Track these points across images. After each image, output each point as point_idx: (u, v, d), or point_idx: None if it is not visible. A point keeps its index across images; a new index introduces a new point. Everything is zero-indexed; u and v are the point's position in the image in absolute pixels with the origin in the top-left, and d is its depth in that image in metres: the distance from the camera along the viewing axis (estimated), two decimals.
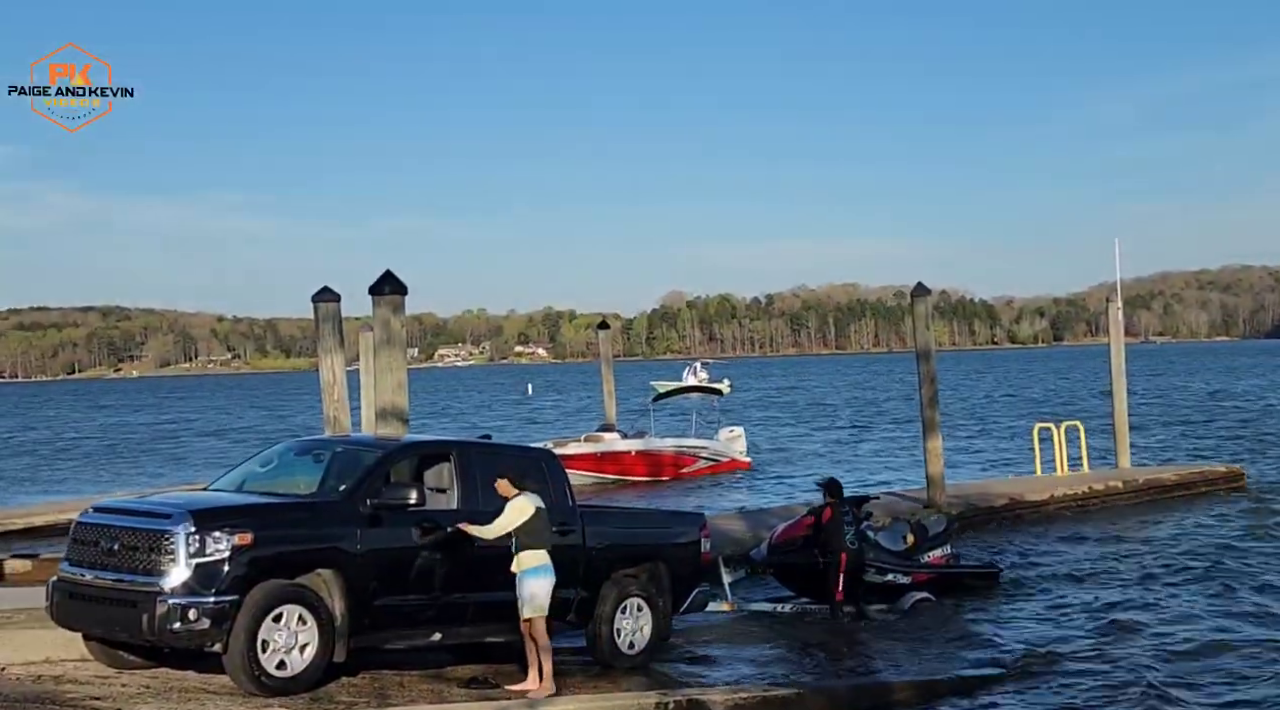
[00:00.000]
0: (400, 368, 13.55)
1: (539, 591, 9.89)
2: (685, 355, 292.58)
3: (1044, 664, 11.79)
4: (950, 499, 20.51)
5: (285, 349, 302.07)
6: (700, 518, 12.71)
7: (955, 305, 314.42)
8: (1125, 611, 14.02)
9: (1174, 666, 11.63)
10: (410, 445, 11.05)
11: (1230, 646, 12.29)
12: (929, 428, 20.74)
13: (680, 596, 11.86)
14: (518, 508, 9.93)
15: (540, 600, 9.90)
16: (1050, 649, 12.36)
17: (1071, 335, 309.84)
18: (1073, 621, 13.71)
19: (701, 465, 31.65)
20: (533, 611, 9.90)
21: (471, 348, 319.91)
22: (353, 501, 9.84)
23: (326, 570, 9.57)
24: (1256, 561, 17.07)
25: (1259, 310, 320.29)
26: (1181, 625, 13.29)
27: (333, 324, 15.31)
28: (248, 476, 10.93)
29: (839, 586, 13.64)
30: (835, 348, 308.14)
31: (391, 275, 13.57)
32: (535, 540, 9.92)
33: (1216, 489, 24.51)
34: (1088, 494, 22.64)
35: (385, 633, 9.94)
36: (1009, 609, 14.48)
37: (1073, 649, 12.40)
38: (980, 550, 18.03)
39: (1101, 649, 12.37)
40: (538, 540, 9.93)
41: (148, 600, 8.97)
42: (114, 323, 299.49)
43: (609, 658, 11.14)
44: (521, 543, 9.92)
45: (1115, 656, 12.03)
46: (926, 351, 20.68)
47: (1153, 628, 13.21)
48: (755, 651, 12.63)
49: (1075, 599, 14.87)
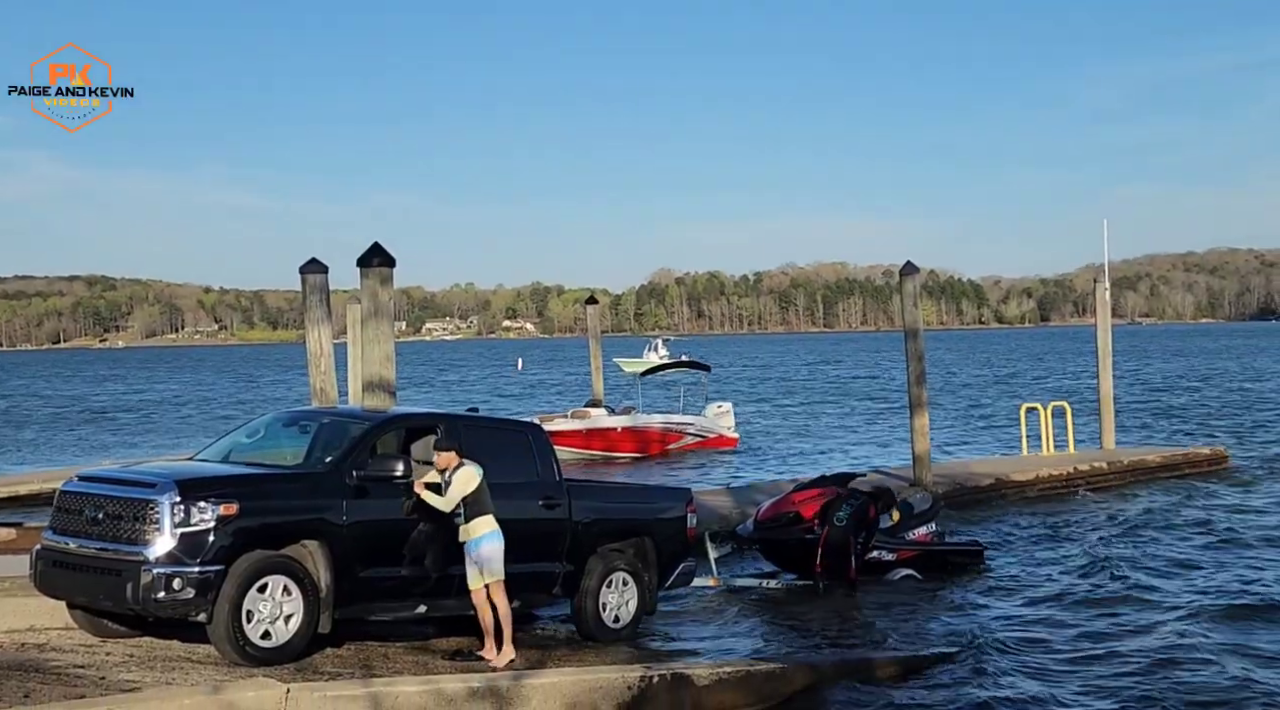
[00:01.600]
0: (387, 340, 13.50)
1: (494, 555, 9.87)
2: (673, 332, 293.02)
3: (1017, 641, 11.84)
4: (936, 478, 20.57)
5: (272, 321, 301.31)
6: (686, 493, 12.72)
7: (943, 285, 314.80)
8: (1102, 591, 14.09)
9: (1141, 644, 11.70)
10: (397, 417, 11.02)
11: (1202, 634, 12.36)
12: (916, 406, 20.77)
13: (666, 571, 11.88)
14: (466, 477, 9.86)
15: (496, 564, 9.89)
16: (1026, 627, 12.43)
17: (1058, 316, 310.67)
18: (1051, 599, 13.77)
19: (689, 441, 31.66)
20: (491, 576, 9.89)
21: (459, 322, 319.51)
22: (339, 473, 9.82)
23: (312, 541, 9.56)
24: (1236, 544, 17.14)
25: (1244, 293, 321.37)
26: (1154, 607, 13.34)
27: (320, 295, 15.24)
28: (234, 447, 10.90)
29: (817, 559, 13.74)
30: (824, 326, 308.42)
31: (379, 247, 13.51)
32: (483, 507, 9.89)
33: (1200, 470, 24.64)
34: (1073, 474, 22.72)
35: (370, 604, 9.93)
36: (991, 586, 14.54)
37: (1049, 627, 12.47)
38: (965, 528, 18.09)
39: (1077, 626, 12.46)
40: (485, 507, 9.90)
41: (132, 569, 8.95)
42: (100, 293, 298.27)
43: (594, 631, 11.15)
44: (471, 511, 9.87)
45: (1089, 635, 12.10)
46: (914, 330, 20.70)
47: (1127, 610, 13.27)
48: (740, 626, 12.68)
49: (1055, 577, 14.95)
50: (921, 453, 20.55)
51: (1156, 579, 14.76)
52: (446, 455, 9.94)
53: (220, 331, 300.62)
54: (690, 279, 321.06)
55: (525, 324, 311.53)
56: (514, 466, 10.91)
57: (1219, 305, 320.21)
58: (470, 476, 9.87)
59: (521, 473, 10.96)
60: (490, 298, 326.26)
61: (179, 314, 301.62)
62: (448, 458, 9.93)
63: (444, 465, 9.94)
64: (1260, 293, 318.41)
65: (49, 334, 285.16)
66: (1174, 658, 11.18)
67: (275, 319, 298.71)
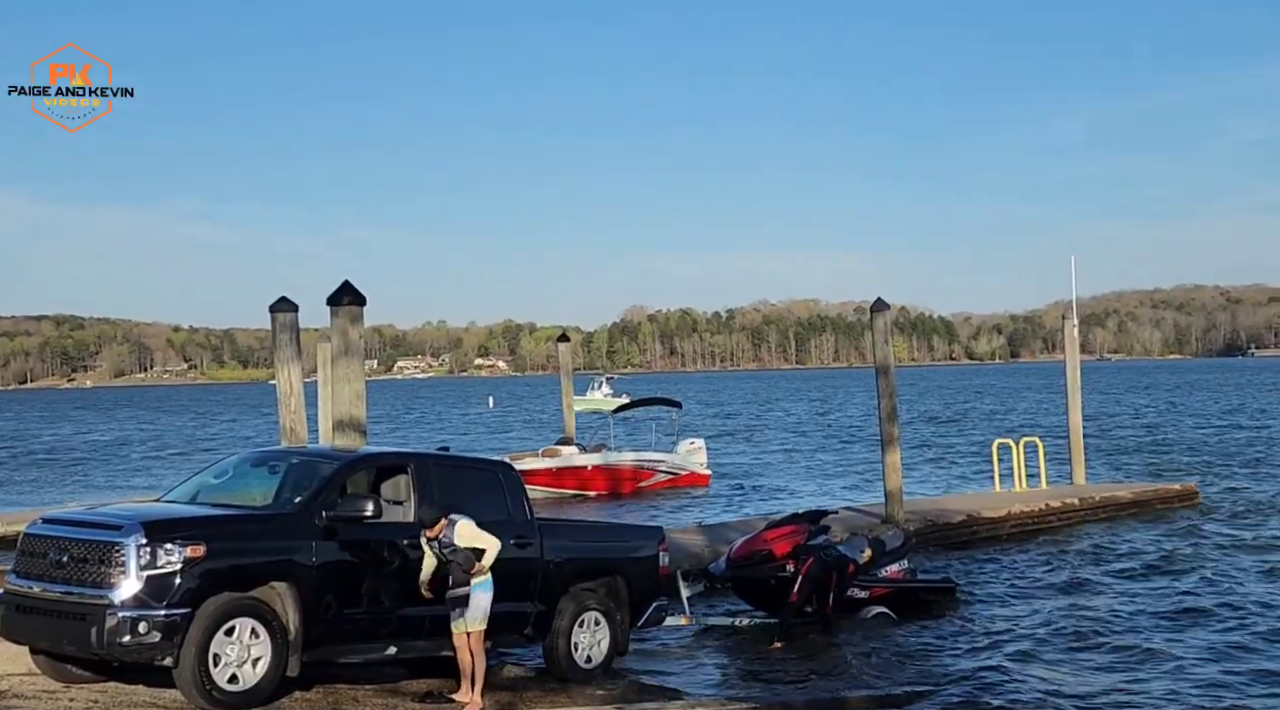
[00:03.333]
0: (358, 378, 13.45)
1: (486, 604, 9.86)
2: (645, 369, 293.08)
3: (989, 679, 11.82)
4: (908, 515, 20.57)
5: (243, 360, 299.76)
6: (659, 532, 12.67)
7: (914, 321, 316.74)
8: (1073, 628, 14.10)
9: (1112, 681, 11.71)
10: (367, 457, 10.94)
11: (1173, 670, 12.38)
12: (887, 442, 20.81)
13: (638, 610, 11.81)
14: (470, 531, 9.86)
15: (484, 612, 9.87)
16: (998, 665, 12.41)
17: (1028, 352, 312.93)
18: (1023, 637, 13.77)
19: (661, 478, 31.57)
20: (479, 624, 9.85)
21: (431, 360, 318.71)
22: (308, 513, 9.73)
23: (281, 583, 9.45)
24: (1207, 581, 17.21)
25: (1210, 329, 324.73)
26: (1128, 645, 13.37)
27: (290, 334, 15.18)
28: (201, 487, 10.78)
29: (795, 587, 13.64)
30: (796, 363, 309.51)
31: (350, 285, 13.49)
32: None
33: (1171, 506, 24.75)
34: (1044, 511, 22.78)
35: (340, 646, 9.82)
36: (964, 624, 14.53)
37: (1021, 665, 12.47)
38: (937, 565, 18.09)
39: (1049, 663, 12.46)
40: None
41: (97, 613, 8.82)
42: (68, 332, 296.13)
43: (566, 672, 11.07)
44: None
45: (1060, 672, 12.10)
46: (885, 366, 20.77)
47: (1100, 646, 13.29)
48: (713, 665, 12.62)
49: (1028, 615, 14.96)
50: (893, 489, 20.57)
51: (1128, 616, 14.79)
52: (434, 527, 9.88)
53: (190, 370, 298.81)
54: (662, 316, 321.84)
55: (497, 362, 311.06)
56: (485, 505, 10.84)
57: (1186, 341, 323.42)
58: (472, 526, 9.87)
59: (493, 512, 10.89)
60: (462, 336, 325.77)
61: (148, 353, 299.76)
62: (436, 528, 9.87)
63: (436, 533, 9.88)
64: (1226, 329, 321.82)
65: (16, 374, 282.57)
66: (1149, 694, 11.19)
67: (246, 358, 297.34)
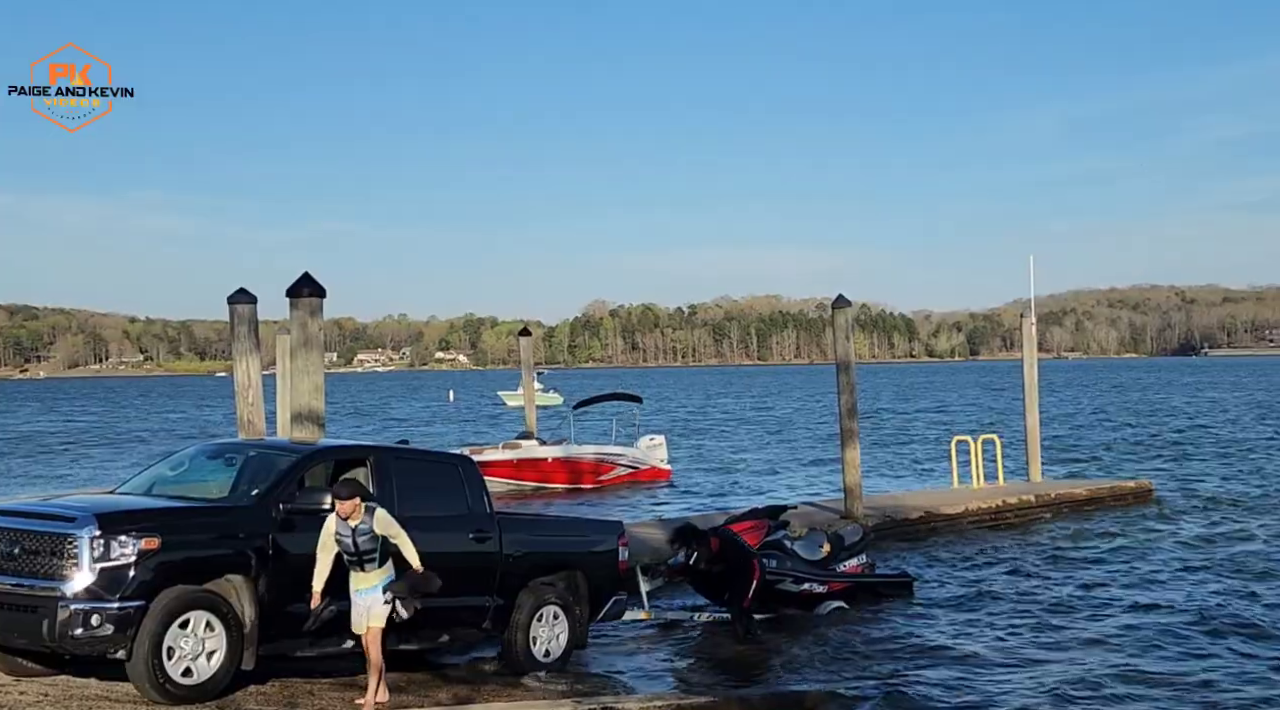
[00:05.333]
0: (317, 371, 13.36)
1: (384, 601, 9.46)
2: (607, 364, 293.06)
3: (946, 672, 11.91)
4: (867, 510, 20.70)
5: (200, 351, 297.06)
6: (618, 526, 12.68)
7: (875, 318, 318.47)
8: (1029, 622, 14.25)
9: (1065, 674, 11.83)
10: (325, 450, 10.87)
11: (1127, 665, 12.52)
12: (847, 438, 20.91)
13: (597, 605, 11.83)
14: (388, 518, 9.42)
15: (381, 609, 9.44)
16: (955, 658, 12.52)
17: (987, 350, 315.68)
18: (980, 629, 13.90)
19: (621, 473, 31.58)
20: (376, 621, 9.43)
21: (391, 353, 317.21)
22: (265, 506, 9.65)
23: (236, 576, 9.37)
24: (1158, 576, 17.42)
25: (1166, 329, 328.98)
26: (1080, 638, 13.52)
27: (248, 326, 15.07)
28: (157, 479, 10.68)
29: (750, 595, 13.59)
30: (757, 359, 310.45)
31: (309, 277, 13.39)
32: (389, 553, 9.47)
33: (1126, 503, 25.04)
34: (1001, 507, 22.97)
35: (296, 640, 9.75)
36: (921, 618, 14.63)
37: (978, 657, 12.57)
38: (896, 560, 18.21)
39: (1004, 656, 12.57)
40: (389, 553, 9.48)
41: (49, 605, 8.71)
42: (21, 322, 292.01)
43: (524, 666, 11.05)
44: (383, 557, 9.45)
45: (1016, 666, 12.21)
46: (846, 363, 20.86)
47: (1055, 639, 13.43)
48: (672, 659, 12.64)
49: (984, 608, 15.09)
50: (852, 484, 20.67)
51: (1084, 610, 14.94)
52: (350, 503, 9.30)
53: (146, 362, 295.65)
54: (624, 311, 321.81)
55: (458, 356, 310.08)
56: (444, 499, 10.82)
57: (1141, 341, 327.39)
58: (391, 518, 9.45)
59: (452, 505, 10.87)
60: (423, 329, 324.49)
61: (103, 344, 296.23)
62: (351, 505, 9.30)
63: (348, 514, 9.31)
64: (1181, 329, 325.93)
65: None
66: (1099, 687, 11.31)
67: (203, 349, 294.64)
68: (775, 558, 14.47)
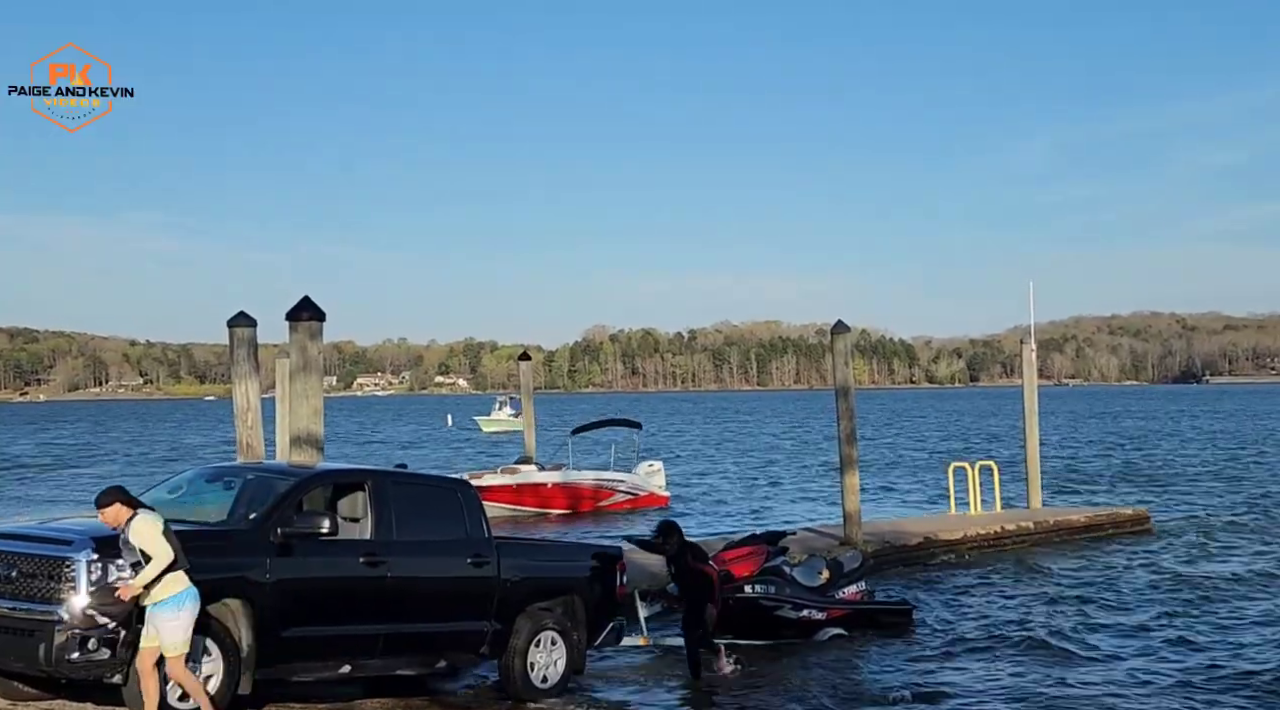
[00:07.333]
0: (316, 394, 13.37)
1: (179, 622, 8.57)
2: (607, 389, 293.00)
3: (948, 703, 11.87)
4: (866, 536, 20.66)
5: (200, 375, 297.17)
6: (616, 551, 12.66)
7: (875, 344, 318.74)
8: (1030, 652, 14.20)
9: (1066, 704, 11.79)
10: (324, 473, 10.87)
11: None
12: (847, 464, 20.89)
13: (595, 630, 11.80)
14: (147, 531, 8.53)
15: (180, 635, 8.55)
16: (955, 687, 12.47)
17: (987, 376, 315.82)
18: (980, 657, 13.87)
19: (620, 498, 31.54)
20: (171, 649, 8.57)
21: (391, 377, 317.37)
22: (263, 530, 9.65)
23: (234, 600, 9.36)
24: (1156, 604, 17.38)
25: (1166, 356, 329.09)
26: (1081, 667, 13.48)
27: (248, 349, 15.05)
28: (155, 503, 10.62)
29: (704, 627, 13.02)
30: (757, 384, 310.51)
31: (309, 301, 13.42)
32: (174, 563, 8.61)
33: (1123, 531, 25.01)
34: (1000, 534, 22.95)
35: (293, 664, 9.73)
36: (920, 646, 14.59)
37: (978, 687, 12.53)
38: (894, 587, 18.17)
39: (1005, 686, 12.53)
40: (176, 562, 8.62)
41: (45, 629, 8.69)
42: (21, 345, 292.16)
43: (522, 692, 11.02)
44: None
45: (1017, 696, 12.17)
46: (846, 388, 20.87)
47: (1056, 668, 13.39)
48: (669, 685, 12.58)
49: (984, 637, 15.03)
50: (852, 511, 20.64)
51: (1083, 639, 14.90)
52: (111, 510, 8.63)
53: (146, 385, 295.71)
54: (624, 336, 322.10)
55: (458, 380, 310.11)
56: (443, 523, 10.82)
57: (1142, 368, 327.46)
58: (151, 528, 8.56)
59: (450, 530, 10.86)
60: (423, 353, 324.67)
61: (103, 367, 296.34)
62: (112, 513, 8.64)
63: (113, 522, 8.66)
64: (1182, 356, 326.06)
65: None
66: None
67: (203, 373, 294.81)
68: (774, 584, 14.46)
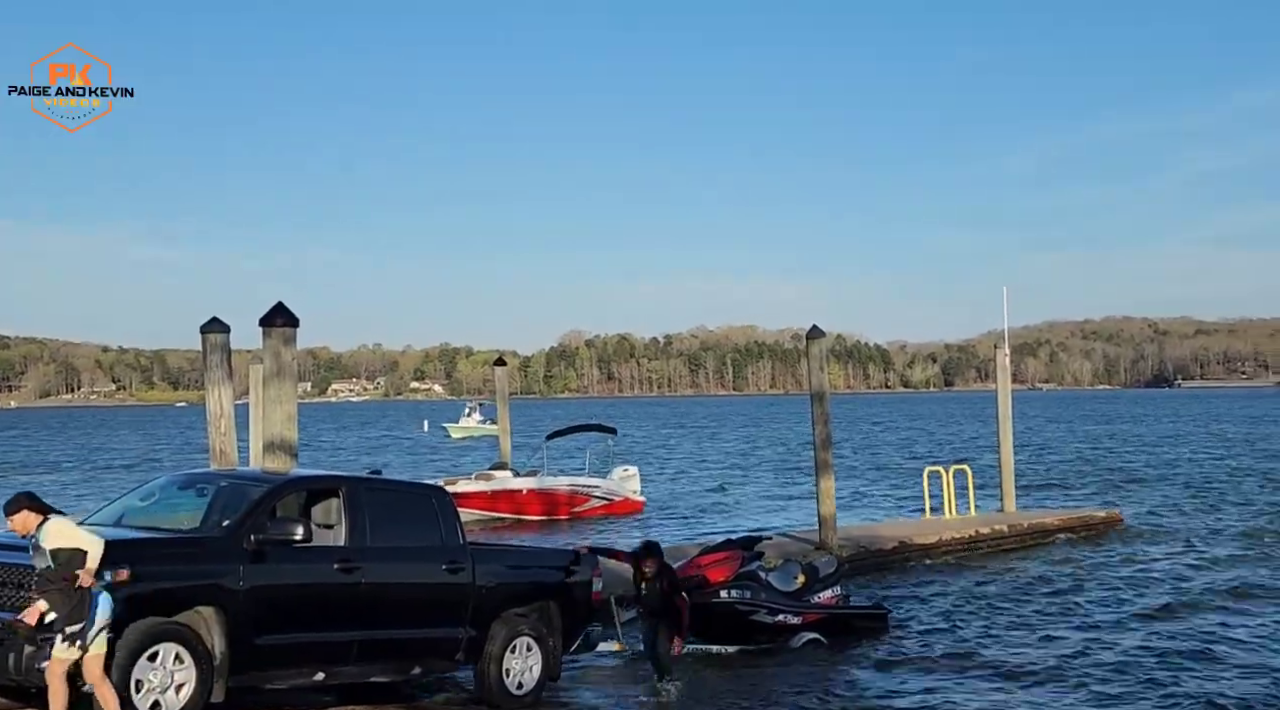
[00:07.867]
0: (290, 400, 13.31)
1: (104, 620, 8.43)
2: (582, 394, 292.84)
3: (921, 706, 11.92)
4: (841, 541, 20.71)
5: (173, 381, 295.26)
6: (592, 557, 12.65)
7: (850, 349, 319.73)
8: (1005, 653, 14.29)
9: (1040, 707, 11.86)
10: (297, 480, 10.83)
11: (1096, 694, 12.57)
12: (822, 469, 20.94)
13: (571, 636, 11.78)
14: (67, 530, 8.37)
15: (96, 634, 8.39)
16: (929, 691, 12.52)
17: (962, 380, 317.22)
18: (955, 660, 13.93)
19: (595, 504, 31.49)
20: (100, 646, 8.44)
21: (366, 383, 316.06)
22: (236, 537, 9.59)
23: (207, 607, 9.30)
24: (1128, 605, 17.50)
25: (1139, 360, 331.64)
26: (1056, 669, 13.55)
27: (221, 355, 14.97)
28: (127, 510, 10.60)
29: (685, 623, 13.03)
30: (733, 389, 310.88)
31: (283, 306, 13.36)
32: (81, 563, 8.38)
33: (1097, 531, 25.19)
34: (974, 537, 23.05)
35: (267, 672, 9.67)
36: (896, 650, 14.64)
37: (953, 689, 12.59)
38: (870, 591, 18.22)
39: (980, 688, 12.59)
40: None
41: (15, 638, 8.62)
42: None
43: (497, 698, 10.99)
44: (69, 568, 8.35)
45: (991, 697, 12.23)
46: (821, 393, 20.92)
47: (1029, 671, 13.46)
48: (645, 692, 12.57)
49: (958, 640, 15.12)
50: (827, 515, 20.69)
51: (1057, 642, 14.98)
52: (19, 517, 8.38)
53: (119, 391, 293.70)
54: (600, 341, 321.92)
55: (433, 385, 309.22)
56: (417, 530, 10.79)
57: (1115, 372, 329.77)
58: (68, 523, 8.49)
59: (425, 536, 10.83)
60: (398, 359, 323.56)
61: (75, 374, 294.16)
62: (21, 519, 8.39)
63: (22, 530, 8.43)
64: (1154, 360, 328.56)
65: None
66: None
67: (176, 379, 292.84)
68: (749, 589, 14.47)
